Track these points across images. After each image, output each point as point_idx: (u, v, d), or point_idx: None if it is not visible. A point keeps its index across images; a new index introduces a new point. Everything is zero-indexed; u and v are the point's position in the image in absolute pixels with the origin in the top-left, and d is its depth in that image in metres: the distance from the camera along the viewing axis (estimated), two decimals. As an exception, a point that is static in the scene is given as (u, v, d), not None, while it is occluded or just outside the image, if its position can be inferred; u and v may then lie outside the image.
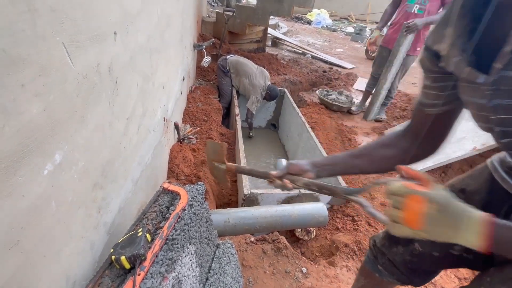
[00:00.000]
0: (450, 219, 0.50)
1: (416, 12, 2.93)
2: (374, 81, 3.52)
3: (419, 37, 3.02)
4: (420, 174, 0.57)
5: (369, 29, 9.08)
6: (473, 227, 0.48)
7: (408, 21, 2.85)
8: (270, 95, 3.33)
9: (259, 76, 3.27)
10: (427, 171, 2.56)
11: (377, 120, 3.62)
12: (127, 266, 0.73)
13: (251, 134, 3.73)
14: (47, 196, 0.62)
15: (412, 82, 5.62)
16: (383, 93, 3.38)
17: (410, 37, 2.93)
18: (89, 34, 0.74)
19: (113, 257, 0.74)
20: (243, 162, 2.17)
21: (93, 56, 0.76)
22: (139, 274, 0.71)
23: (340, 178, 2.16)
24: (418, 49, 3.10)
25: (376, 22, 10.00)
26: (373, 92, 3.53)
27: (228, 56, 3.40)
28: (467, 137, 2.52)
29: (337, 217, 2.07)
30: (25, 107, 0.53)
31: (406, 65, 3.21)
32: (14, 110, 0.50)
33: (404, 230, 0.54)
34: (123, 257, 0.72)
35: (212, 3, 6.10)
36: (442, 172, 2.64)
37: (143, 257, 0.74)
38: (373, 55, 6.94)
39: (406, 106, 3.91)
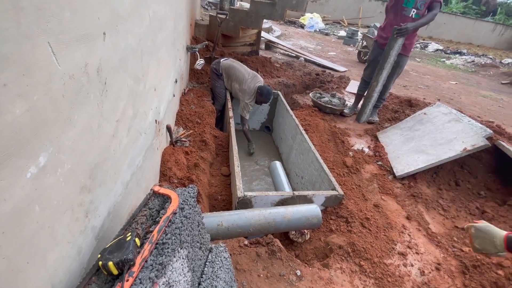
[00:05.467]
0: (487, 238, 1.03)
1: (413, 16, 2.97)
2: (366, 84, 3.56)
3: (411, 39, 3.07)
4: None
5: (360, 33, 9.21)
6: (499, 240, 1.00)
7: (400, 25, 2.89)
8: (261, 93, 3.15)
9: (250, 81, 3.21)
10: (419, 173, 2.59)
11: (369, 122, 3.65)
12: (115, 272, 0.71)
13: (251, 150, 3.46)
14: (30, 200, 0.60)
15: (403, 85, 5.71)
16: (375, 95, 3.42)
17: (400, 41, 2.98)
18: (77, 34, 0.72)
19: (100, 262, 0.72)
20: (236, 164, 2.15)
21: (80, 56, 0.74)
22: (127, 280, 0.69)
23: (333, 179, 2.17)
24: (411, 49, 3.17)
25: (368, 26, 10.16)
26: (365, 94, 3.57)
27: (222, 60, 3.38)
28: (457, 138, 2.56)
29: (331, 219, 2.07)
30: (7, 107, 0.51)
31: (401, 66, 3.25)
32: (-6, 110, 0.48)
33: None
34: (110, 263, 0.70)
35: (206, 6, 6.11)
36: (433, 173, 2.67)
37: (132, 263, 0.72)
38: (365, 58, 7.04)
39: (397, 108, 3.96)
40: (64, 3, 0.66)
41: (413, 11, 2.95)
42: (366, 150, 3.04)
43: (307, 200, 2.01)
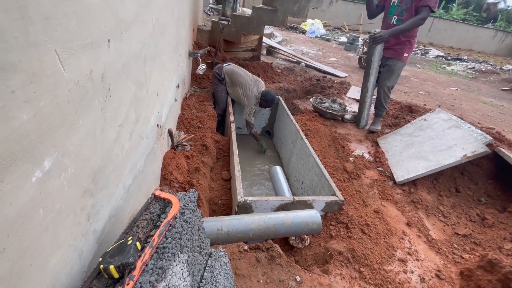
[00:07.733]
0: None
1: (394, 23, 3.03)
2: None
3: (406, 44, 3.09)
4: None
5: (361, 39, 9.29)
6: None
7: (374, 33, 2.96)
8: (266, 99, 3.28)
9: (253, 85, 3.27)
10: (419, 179, 2.59)
11: (370, 131, 3.58)
12: (116, 275, 0.72)
13: (264, 147, 3.61)
14: (35, 204, 0.61)
15: (404, 91, 5.73)
16: (368, 100, 3.47)
17: (380, 47, 3.08)
18: (82, 42, 0.74)
19: (101, 266, 0.73)
20: (237, 169, 2.16)
21: (85, 63, 0.76)
22: (128, 284, 0.70)
23: (333, 185, 2.17)
24: (406, 55, 3.15)
25: (369, 32, 10.28)
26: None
27: (224, 65, 3.42)
28: (457, 145, 2.56)
29: (331, 225, 2.07)
30: (15, 113, 0.53)
31: (394, 71, 3.21)
32: (3, 116, 0.50)
33: None
34: (111, 266, 0.71)
35: (208, 12, 6.19)
36: (434, 179, 2.67)
37: (133, 266, 0.73)
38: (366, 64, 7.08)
39: (398, 114, 3.97)
40: (70, 12, 0.68)
41: (394, 18, 3.04)
42: (367, 155, 3.04)
43: (307, 205, 2.01)
